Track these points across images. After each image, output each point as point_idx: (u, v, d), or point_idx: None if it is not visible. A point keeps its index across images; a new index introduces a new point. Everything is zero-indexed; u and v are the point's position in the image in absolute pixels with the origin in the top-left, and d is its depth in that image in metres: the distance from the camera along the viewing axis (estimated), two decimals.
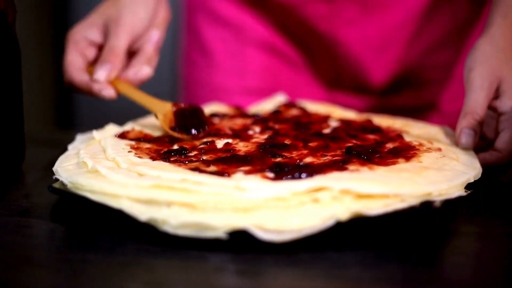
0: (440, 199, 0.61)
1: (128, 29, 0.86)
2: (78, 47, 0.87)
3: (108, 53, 0.85)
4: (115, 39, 0.85)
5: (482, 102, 0.75)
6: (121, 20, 0.86)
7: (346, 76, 1.11)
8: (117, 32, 0.85)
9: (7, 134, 0.76)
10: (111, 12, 0.88)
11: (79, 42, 0.87)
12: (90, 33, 0.88)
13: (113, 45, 0.85)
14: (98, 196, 0.61)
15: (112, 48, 0.85)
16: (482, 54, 0.77)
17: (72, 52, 0.87)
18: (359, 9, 1.05)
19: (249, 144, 0.75)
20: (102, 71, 0.83)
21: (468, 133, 0.74)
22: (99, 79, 0.83)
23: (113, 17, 0.87)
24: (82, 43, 0.87)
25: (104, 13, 0.89)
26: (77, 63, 0.86)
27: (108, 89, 0.84)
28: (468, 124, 0.74)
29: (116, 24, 0.86)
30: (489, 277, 0.55)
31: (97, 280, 0.53)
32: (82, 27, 0.88)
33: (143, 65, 0.87)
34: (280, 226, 0.56)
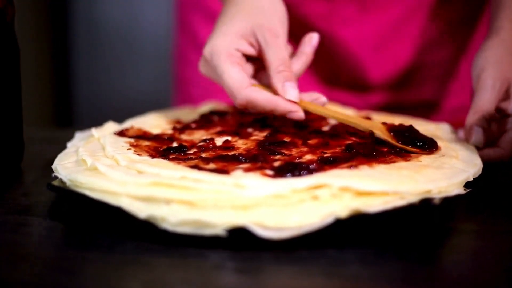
0: (439, 197, 0.61)
1: (285, 39, 0.79)
2: (236, 61, 0.75)
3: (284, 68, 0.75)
4: (282, 52, 0.75)
5: (493, 101, 0.75)
6: (277, 30, 0.77)
7: (344, 74, 1.11)
8: (279, 43, 0.76)
9: (6, 133, 0.76)
10: (260, 19, 0.77)
11: (234, 55, 0.76)
12: (242, 44, 0.76)
13: (285, 58, 0.75)
14: (97, 193, 0.61)
15: (285, 62, 0.75)
16: (493, 55, 0.77)
17: (235, 68, 0.74)
18: (357, 7, 1.05)
19: (248, 141, 0.75)
20: (293, 90, 0.74)
21: (478, 131, 0.75)
22: (295, 99, 0.73)
23: (266, 25, 0.77)
24: (237, 56, 0.76)
25: (245, 20, 0.77)
26: (247, 80, 0.75)
27: (300, 111, 0.74)
28: (478, 122, 0.75)
29: (273, 34, 0.76)
30: (488, 275, 0.55)
31: (96, 278, 0.53)
32: (231, 37, 0.76)
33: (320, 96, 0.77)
34: (279, 224, 0.56)
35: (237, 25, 0.76)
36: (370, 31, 1.06)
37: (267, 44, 0.76)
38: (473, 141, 0.75)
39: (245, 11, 0.77)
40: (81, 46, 2.43)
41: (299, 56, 0.80)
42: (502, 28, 0.79)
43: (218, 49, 0.75)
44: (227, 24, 0.77)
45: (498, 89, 0.76)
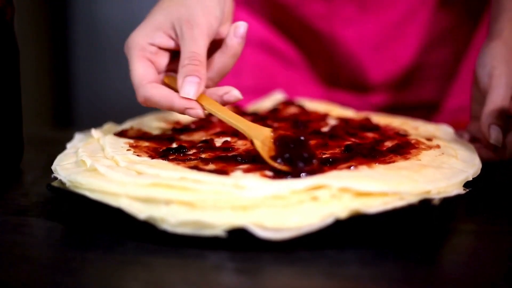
0: (439, 197, 0.61)
1: (205, 30, 0.73)
2: (146, 56, 0.74)
3: (189, 61, 0.70)
4: (193, 44, 0.71)
5: (508, 98, 0.74)
6: (195, 21, 0.72)
7: (344, 75, 1.11)
8: (194, 35, 0.72)
9: (6, 133, 0.76)
10: (179, 11, 0.74)
11: (146, 49, 0.73)
12: (157, 37, 0.74)
13: (193, 51, 0.71)
14: (97, 194, 0.61)
15: (193, 56, 0.71)
16: (500, 55, 0.77)
17: (141, 63, 0.73)
18: (357, 8, 1.05)
19: (248, 142, 0.74)
20: (190, 86, 0.69)
21: (497, 129, 0.74)
22: (189, 96, 0.69)
23: (184, 17, 0.73)
24: (149, 50, 0.74)
25: (169, 13, 0.74)
26: (151, 76, 0.73)
27: (197, 108, 0.70)
28: (496, 120, 0.74)
29: (190, 26, 0.72)
30: (487, 275, 0.55)
31: (96, 278, 0.53)
32: (146, 31, 0.74)
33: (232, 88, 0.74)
34: (279, 224, 0.56)
35: (156, 18, 0.74)
36: (370, 32, 1.06)
37: (182, 36, 0.73)
38: (493, 139, 0.73)
39: (167, 4, 0.75)
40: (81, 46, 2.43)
41: (223, 49, 0.75)
42: (504, 30, 0.79)
43: (132, 43, 0.73)
44: (149, 17, 0.75)
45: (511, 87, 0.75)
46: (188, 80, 0.69)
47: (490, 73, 0.76)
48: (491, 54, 0.77)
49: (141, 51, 0.73)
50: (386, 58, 1.08)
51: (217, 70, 0.75)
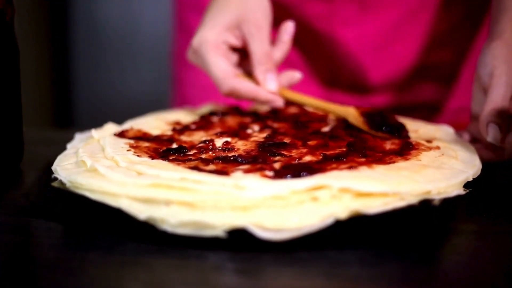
0: (439, 198, 0.61)
1: (268, 30, 0.83)
2: (221, 53, 0.82)
3: (265, 60, 0.82)
4: (265, 45, 0.82)
5: (508, 97, 0.74)
6: (261, 23, 0.82)
7: (344, 75, 1.11)
8: (262, 37, 0.82)
9: (6, 133, 0.76)
10: (244, 14, 0.83)
11: (220, 47, 0.82)
12: (228, 37, 0.83)
13: (266, 51, 0.82)
14: (97, 195, 0.61)
15: (267, 55, 0.82)
16: (501, 55, 0.77)
17: (221, 58, 0.81)
18: (357, 8, 1.05)
19: (248, 142, 0.75)
20: (272, 82, 0.81)
21: (495, 128, 0.74)
22: (273, 90, 0.81)
23: (246, 18, 0.82)
24: (223, 48, 0.82)
25: (231, 13, 0.83)
26: (231, 70, 0.82)
27: (279, 100, 0.82)
28: (494, 118, 0.74)
29: (259, 28, 0.82)
30: (488, 276, 0.55)
31: (96, 279, 0.53)
32: (217, 30, 0.82)
33: (294, 72, 0.85)
34: (279, 225, 0.56)
35: (224, 18, 0.82)
36: (370, 32, 1.06)
37: (251, 37, 0.81)
38: (491, 138, 0.74)
39: (231, 5, 0.82)
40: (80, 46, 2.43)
41: (278, 45, 0.86)
42: (505, 31, 0.79)
43: (206, 40, 0.81)
44: (214, 17, 0.82)
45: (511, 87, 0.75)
46: (269, 77, 0.81)
47: (490, 73, 0.76)
48: (492, 54, 0.77)
49: (217, 48, 0.81)
50: (387, 59, 1.08)
51: (275, 63, 0.84)
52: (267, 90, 0.81)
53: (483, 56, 0.78)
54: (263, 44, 0.82)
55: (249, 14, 0.82)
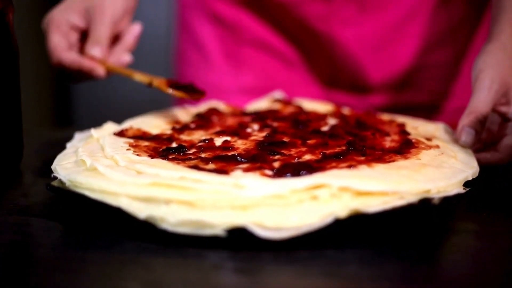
0: (439, 197, 0.61)
1: (111, 17, 0.91)
2: (61, 30, 0.90)
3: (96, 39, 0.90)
4: (101, 27, 0.90)
5: (488, 103, 0.75)
6: (103, 8, 0.91)
7: (343, 76, 1.11)
8: (102, 20, 0.91)
9: (6, 133, 0.76)
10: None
11: (62, 25, 0.90)
12: (72, 17, 0.91)
13: (100, 32, 0.90)
14: (97, 194, 0.61)
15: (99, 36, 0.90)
16: (493, 58, 0.77)
17: (56, 34, 0.89)
18: (356, 8, 1.05)
19: (247, 142, 0.75)
20: (97, 50, 0.89)
21: (468, 132, 0.74)
22: (96, 55, 0.89)
23: (95, 3, 0.92)
24: (64, 26, 0.90)
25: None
26: (64, 44, 0.89)
27: (100, 68, 0.89)
28: (470, 123, 0.74)
29: (99, 12, 0.91)
30: (487, 275, 0.55)
31: (96, 278, 0.53)
32: (63, 10, 0.91)
33: (123, 52, 0.93)
34: (278, 224, 0.56)
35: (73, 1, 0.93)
36: (369, 32, 1.06)
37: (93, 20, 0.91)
38: (462, 141, 0.75)
39: None
40: None
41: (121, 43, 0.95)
42: (503, 32, 0.79)
43: (49, 18, 0.91)
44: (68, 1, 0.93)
45: (495, 91, 0.75)
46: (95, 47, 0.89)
47: (476, 77, 0.76)
48: (484, 57, 0.78)
49: (57, 26, 0.89)
50: (386, 59, 1.08)
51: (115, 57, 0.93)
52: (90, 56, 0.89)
53: (477, 58, 0.79)
54: (100, 27, 0.90)
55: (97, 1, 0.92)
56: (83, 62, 0.88)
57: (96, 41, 0.90)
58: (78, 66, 0.88)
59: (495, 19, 0.81)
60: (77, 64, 0.88)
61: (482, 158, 0.76)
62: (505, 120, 0.77)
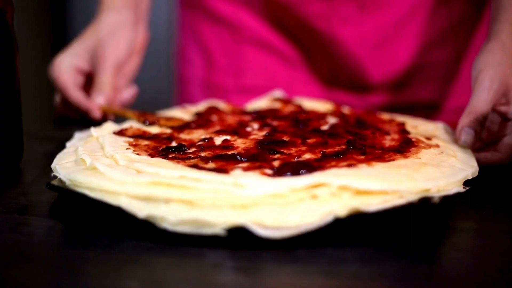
0: (439, 196, 0.61)
1: (113, 62, 0.97)
2: (67, 72, 0.96)
3: (99, 86, 0.96)
4: (103, 74, 0.96)
5: (488, 103, 0.75)
6: (106, 54, 0.97)
7: (344, 75, 1.11)
8: (105, 66, 0.96)
9: (5, 132, 0.76)
10: (93, 43, 0.98)
11: (68, 68, 0.96)
12: (78, 61, 0.97)
13: (102, 79, 0.96)
14: (97, 193, 0.61)
15: (102, 83, 0.96)
16: (493, 58, 0.77)
17: (64, 75, 0.96)
18: (356, 7, 1.05)
19: (247, 141, 0.75)
20: (101, 97, 0.95)
21: (468, 132, 0.74)
22: (99, 102, 0.94)
23: (97, 49, 0.98)
24: (70, 70, 0.97)
25: (87, 44, 0.99)
26: (71, 82, 0.96)
27: (97, 111, 0.95)
28: (470, 123, 0.74)
29: (102, 58, 0.97)
30: (487, 274, 0.55)
31: (95, 277, 0.53)
32: (69, 56, 0.98)
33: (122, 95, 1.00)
34: (278, 223, 0.56)
35: (79, 47, 0.99)
36: (369, 31, 1.06)
37: (96, 66, 0.97)
38: (462, 141, 0.75)
39: (90, 37, 1.00)
40: None
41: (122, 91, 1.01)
42: (502, 31, 0.79)
43: (57, 63, 0.97)
44: (74, 44, 1.00)
45: (495, 91, 0.75)
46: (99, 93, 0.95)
47: (476, 76, 0.76)
48: (483, 56, 0.78)
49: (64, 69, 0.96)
50: (386, 58, 1.08)
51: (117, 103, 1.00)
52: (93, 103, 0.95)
53: (477, 58, 0.78)
54: (103, 74, 0.96)
55: (101, 46, 0.98)
56: (82, 103, 0.94)
57: (99, 89, 0.95)
58: (78, 105, 0.94)
59: (494, 18, 0.81)
60: (79, 103, 0.94)
61: (482, 158, 0.76)
62: (505, 120, 0.77)
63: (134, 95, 1.01)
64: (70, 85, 0.95)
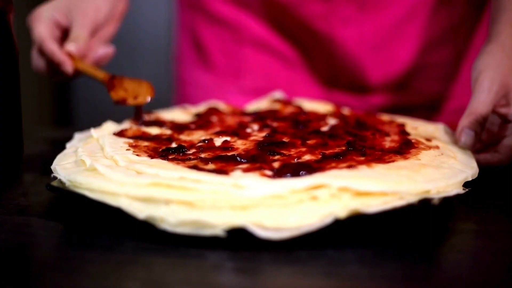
0: (439, 197, 0.61)
1: (91, 20, 0.96)
2: (45, 24, 0.94)
3: (74, 38, 0.93)
4: (80, 29, 0.94)
5: (488, 104, 0.75)
6: (84, 11, 0.96)
7: (343, 75, 1.11)
8: (82, 22, 0.95)
9: (6, 133, 0.76)
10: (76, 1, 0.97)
11: (47, 20, 0.94)
12: (57, 15, 0.95)
13: (78, 34, 0.94)
14: (96, 194, 0.61)
15: (77, 37, 0.93)
16: (494, 59, 0.77)
17: (42, 26, 0.93)
18: (356, 7, 1.05)
19: (247, 142, 0.75)
20: (73, 46, 0.92)
21: (468, 133, 0.74)
22: (70, 49, 0.92)
23: (78, 5, 0.96)
24: (48, 21, 0.94)
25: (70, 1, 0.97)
26: (47, 34, 0.93)
27: (69, 64, 0.92)
28: (470, 124, 0.74)
29: (80, 14, 0.95)
30: (486, 275, 0.55)
31: (95, 278, 0.53)
32: (49, 8, 0.95)
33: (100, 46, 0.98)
34: (278, 224, 0.56)
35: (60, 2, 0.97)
36: (369, 32, 1.06)
37: (73, 20, 0.95)
38: (462, 142, 0.75)
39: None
40: None
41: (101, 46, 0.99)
42: (502, 32, 0.79)
43: (35, 14, 0.95)
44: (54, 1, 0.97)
45: (495, 92, 0.75)
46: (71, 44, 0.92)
47: (476, 78, 0.76)
48: (483, 58, 0.78)
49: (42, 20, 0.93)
50: (386, 59, 1.08)
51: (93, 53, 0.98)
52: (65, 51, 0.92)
53: (477, 60, 0.78)
54: (79, 29, 0.94)
55: (81, 3, 0.97)
56: (56, 54, 0.91)
57: (73, 40, 0.93)
58: (51, 55, 0.91)
59: (494, 19, 0.81)
60: (51, 53, 0.91)
61: (482, 159, 0.76)
62: (505, 122, 0.77)
63: (110, 55, 0.99)
64: (46, 35, 0.93)
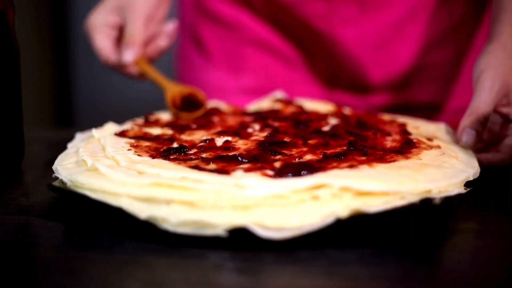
0: (440, 197, 0.61)
1: (143, 14, 0.99)
2: (102, 31, 0.98)
3: (129, 38, 0.97)
4: (133, 26, 0.97)
5: (489, 103, 0.75)
6: (135, 5, 0.99)
7: (344, 75, 1.11)
8: (134, 18, 0.98)
9: (7, 133, 0.76)
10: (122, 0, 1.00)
11: (102, 27, 0.99)
12: (109, 18, 0.99)
13: (132, 31, 0.97)
14: (98, 194, 0.61)
15: (132, 35, 0.97)
16: (495, 59, 0.77)
17: (100, 36, 0.98)
18: (357, 7, 1.05)
19: (248, 142, 0.75)
20: (128, 54, 0.96)
21: (469, 132, 0.74)
22: (127, 61, 0.96)
23: (126, 3, 0.99)
24: (105, 28, 0.99)
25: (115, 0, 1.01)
26: (108, 45, 0.98)
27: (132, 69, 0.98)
28: (471, 124, 0.74)
29: (131, 10, 0.98)
30: (488, 274, 0.55)
31: (96, 278, 0.53)
32: (100, 13, 1.00)
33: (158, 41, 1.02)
34: (279, 224, 0.56)
35: (109, 3, 1.01)
36: (370, 31, 1.06)
37: (127, 19, 0.99)
38: (463, 142, 0.75)
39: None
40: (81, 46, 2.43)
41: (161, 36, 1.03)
42: (503, 32, 0.79)
43: (89, 22, 1.00)
44: (102, 3, 1.02)
45: (497, 92, 0.75)
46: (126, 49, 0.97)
47: (477, 77, 0.76)
48: (485, 58, 0.78)
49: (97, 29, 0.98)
50: (387, 58, 1.08)
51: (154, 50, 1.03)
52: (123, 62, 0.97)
53: (478, 59, 0.78)
54: (132, 26, 0.98)
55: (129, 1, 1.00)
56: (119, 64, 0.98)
57: (127, 42, 0.97)
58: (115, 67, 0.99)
59: (495, 19, 0.81)
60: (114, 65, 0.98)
61: (484, 159, 0.76)
62: (506, 121, 0.77)
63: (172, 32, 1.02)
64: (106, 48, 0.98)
